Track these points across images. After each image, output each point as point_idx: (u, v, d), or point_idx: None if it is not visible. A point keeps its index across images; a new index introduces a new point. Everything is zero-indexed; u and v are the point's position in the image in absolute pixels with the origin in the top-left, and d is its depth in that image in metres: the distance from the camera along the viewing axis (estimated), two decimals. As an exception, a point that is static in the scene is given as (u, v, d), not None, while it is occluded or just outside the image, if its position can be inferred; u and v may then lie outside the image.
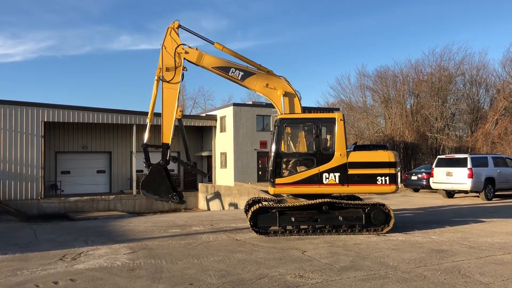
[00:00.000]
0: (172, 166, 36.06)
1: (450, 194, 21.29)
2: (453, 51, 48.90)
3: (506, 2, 73.27)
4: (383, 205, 10.58)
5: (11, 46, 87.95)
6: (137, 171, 31.22)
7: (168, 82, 11.55)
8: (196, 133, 37.11)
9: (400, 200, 19.94)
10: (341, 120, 10.69)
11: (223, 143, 33.47)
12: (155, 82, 11.70)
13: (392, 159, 10.65)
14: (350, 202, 10.65)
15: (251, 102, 37.68)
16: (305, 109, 33.14)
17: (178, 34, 11.70)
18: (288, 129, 11.09)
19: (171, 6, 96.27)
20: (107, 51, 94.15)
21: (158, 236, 11.19)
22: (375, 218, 10.51)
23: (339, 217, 10.44)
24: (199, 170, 11.97)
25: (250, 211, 10.63)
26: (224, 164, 33.43)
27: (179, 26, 11.78)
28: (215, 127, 34.55)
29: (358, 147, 11.19)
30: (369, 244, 9.33)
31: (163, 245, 9.69)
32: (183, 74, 11.76)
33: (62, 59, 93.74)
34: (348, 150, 10.74)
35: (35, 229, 13.35)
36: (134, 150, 30.68)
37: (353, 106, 45.28)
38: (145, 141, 12.17)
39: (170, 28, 11.70)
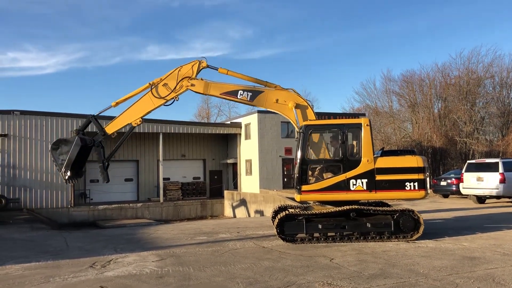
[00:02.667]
0: (199, 173, 36.37)
1: (481, 199, 20.74)
2: (482, 53, 47.84)
3: (536, 2, 71.35)
4: (412, 211, 10.39)
5: (44, 59, 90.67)
6: (164, 179, 31.59)
7: (154, 95, 11.63)
8: (222, 141, 37.34)
9: (429, 206, 19.54)
10: (367, 125, 10.58)
11: (248, 150, 33.55)
12: (148, 84, 11.74)
13: (421, 164, 10.47)
14: (378, 208, 10.50)
15: (275, 109, 37.56)
16: (330, 115, 32.72)
17: (200, 71, 11.72)
18: (314, 136, 11.04)
19: (198, 16, 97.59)
20: (135, 61, 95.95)
21: (185, 243, 11.27)
22: (404, 225, 10.32)
23: (367, 224, 10.30)
24: (104, 173, 11.66)
25: (276, 218, 10.60)
26: (249, 171, 33.47)
27: (207, 66, 11.82)
28: (240, 134, 34.68)
29: (385, 153, 11.05)
30: (398, 251, 9.17)
31: (190, 253, 9.75)
32: (173, 99, 11.79)
33: (92, 70, 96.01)
34: (375, 155, 10.61)
35: (65, 237, 13.65)
36: (161, 158, 31.06)
37: (379, 111, 44.76)
38: (95, 114, 12.12)
39: (197, 62, 11.76)
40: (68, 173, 11.42)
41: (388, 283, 6.69)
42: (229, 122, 38.16)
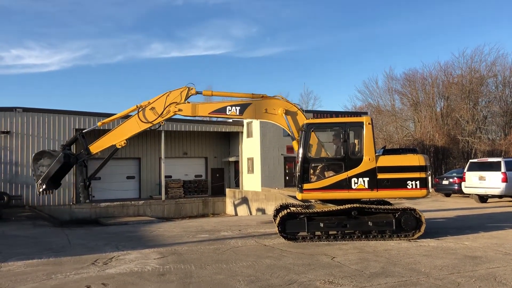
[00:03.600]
0: (201, 171, 36.41)
1: (483, 199, 20.71)
2: (485, 52, 47.54)
3: (540, 0, 71.09)
4: (414, 210, 10.39)
5: (47, 56, 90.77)
6: (166, 176, 31.60)
7: (140, 119, 11.62)
8: (223, 139, 37.33)
9: (431, 205, 19.53)
10: (369, 124, 10.57)
11: (250, 148, 33.54)
12: (135, 107, 11.72)
13: (423, 163, 10.46)
14: (380, 207, 10.50)
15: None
16: (332, 113, 32.71)
17: (188, 97, 11.67)
18: (315, 134, 11.03)
19: (201, 14, 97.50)
20: (139, 59, 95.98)
21: (187, 241, 11.28)
22: (406, 223, 10.33)
23: (369, 222, 10.31)
24: (85, 192, 11.66)
25: (278, 217, 10.60)
26: (251, 170, 33.48)
27: (196, 93, 11.76)
28: (242, 132, 34.66)
29: (387, 151, 11.04)
30: (400, 250, 9.16)
31: (192, 250, 9.77)
32: (159, 124, 11.81)
33: (96, 68, 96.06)
34: (377, 154, 10.61)
35: (67, 234, 13.69)
36: (163, 156, 31.07)
37: (381, 110, 44.67)
38: (83, 131, 12.12)
39: (186, 88, 11.69)
40: (44, 186, 11.40)
41: (390, 282, 6.69)
42: (231, 120, 38.15)
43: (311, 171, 10.71)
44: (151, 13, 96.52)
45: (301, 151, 10.62)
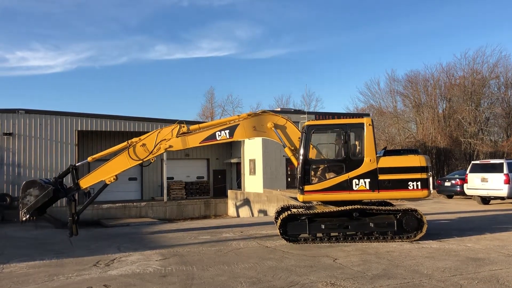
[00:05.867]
0: (203, 172, 36.41)
1: (485, 200, 20.65)
2: (487, 54, 47.41)
3: (542, 1, 70.92)
4: (415, 210, 10.37)
5: (52, 58, 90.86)
6: (167, 178, 31.62)
7: (130, 156, 11.69)
8: (225, 140, 37.37)
9: (433, 207, 19.49)
10: (370, 125, 10.56)
11: (252, 150, 33.53)
12: (126, 143, 11.79)
13: (424, 164, 10.45)
14: (381, 208, 10.49)
15: (279, 109, 37.51)
16: (334, 115, 32.68)
17: (180, 135, 11.68)
18: (316, 136, 11.02)
19: (206, 16, 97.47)
20: (143, 60, 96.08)
21: (189, 242, 11.29)
22: (408, 224, 10.31)
23: (370, 223, 10.29)
24: (73, 226, 11.61)
25: (279, 219, 10.60)
26: (253, 171, 33.47)
27: (187, 131, 11.80)
28: (244, 134, 34.70)
29: (388, 152, 11.03)
30: (402, 252, 9.15)
31: (194, 252, 9.77)
32: (149, 161, 11.88)
33: (100, 70, 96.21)
34: (377, 155, 10.60)
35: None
36: (164, 157, 31.08)
37: (383, 112, 44.62)
38: (76, 165, 12.25)
39: (177, 126, 11.73)
40: (27, 216, 11.43)
41: (392, 284, 6.68)
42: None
43: (312, 172, 10.71)
44: (156, 14, 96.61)
45: (302, 152, 10.62)
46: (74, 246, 11.47)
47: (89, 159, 12.38)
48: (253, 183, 33.25)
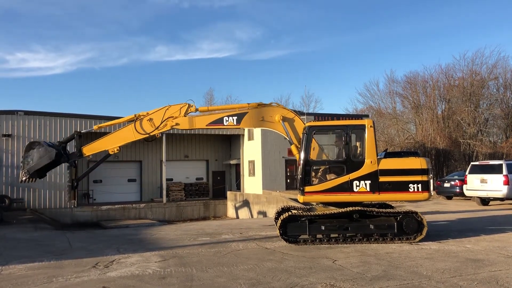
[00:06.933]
0: (202, 174, 36.39)
1: (484, 201, 20.66)
2: (486, 55, 47.54)
3: (541, 3, 71.03)
4: (416, 213, 10.37)
5: (52, 59, 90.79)
6: (167, 179, 31.60)
7: (136, 128, 11.68)
8: (225, 142, 37.33)
9: (433, 208, 19.49)
10: (371, 126, 10.56)
11: (251, 151, 33.53)
12: (133, 115, 11.81)
13: (424, 166, 10.45)
14: (381, 210, 10.47)
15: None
16: (333, 116, 32.68)
17: (187, 114, 11.69)
18: (317, 137, 11.02)
19: (207, 17, 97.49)
20: (143, 62, 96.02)
21: (188, 244, 11.27)
22: (408, 226, 10.31)
23: (370, 225, 10.29)
24: (72, 192, 12.01)
25: (279, 220, 10.58)
26: (252, 172, 33.46)
27: (196, 110, 11.77)
28: (243, 135, 34.66)
29: (388, 154, 11.03)
30: (402, 253, 9.14)
31: (193, 253, 9.75)
32: (154, 136, 11.89)
33: (100, 71, 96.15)
34: (378, 157, 10.59)
35: (69, 237, 13.67)
36: (164, 159, 31.08)
37: (383, 113, 44.64)
38: (81, 132, 12.39)
39: (186, 105, 11.68)
40: (27, 176, 11.51)
41: (391, 285, 6.67)
42: (232, 123, 38.13)
43: (313, 173, 10.70)
44: (157, 16, 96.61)
45: (302, 153, 10.61)
46: (73, 247, 11.45)
47: (95, 127, 12.43)
48: (252, 184, 33.24)
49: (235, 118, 11.56)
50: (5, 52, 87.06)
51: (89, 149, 11.93)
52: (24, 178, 11.54)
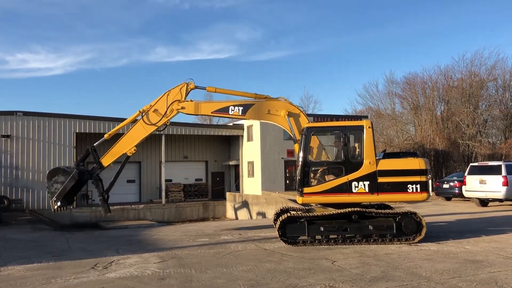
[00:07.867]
0: (201, 175, 36.41)
1: (483, 202, 20.67)
2: (485, 56, 47.71)
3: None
4: (415, 213, 10.37)
5: (52, 60, 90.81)
6: (166, 180, 31.59)
7: (145, 122, 11.72)
8: (224, 143, 37.34)
9: (432, 209, 19.49)
10: (369, 127, 10.56)
11: (250, 152, 33.52)
12: (138, 112, 11.81)
13: (423, 167, 10.45)
14: (380, 211, 10.47)
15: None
16: (332, 117, 32.68)
17: (188, 93, 11.73)
18: (315, 138, 11.03)
19: (207, 18, 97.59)
20: (143, 63, 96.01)
21: (187, 245, 11.26)
22: (407, 227, 10.31)
23: (369, 226, 10.29)
24: (105, 205, 12.15)
25: (278, 221, 10.58)
26: (251, 173, 33.45)
27: (195, 87, 11.82)
28: (242, 136, 34.65)
29: (387, 155, 11.03)
30: (401, 254, 9.14)
31: (192, 254, 9.75)
32: (165, 125, 11.87)
33: (100, 72, 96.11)
34: (377, 158, 10.60)
35: (67, 238, 13.67)
36: (163, 160, 31.07)
37: (382, 114, 44.66)
38: (94, 145, 12.28)
39: (184, 84, 11.73)
40: (58, 203, 11.52)
41: (390, 286, 6.67)
42: (231, 124, 38.15)
43: (312, 174, 10.69)
44: (157, 17, 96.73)
45: (301, 154, 10.61)
46: (72, 248, 11.43)
47: (106, 136, 12.41)
48: (251, 185, 33.23)
49: (241, 108, 11.59)
50: (5, 53, 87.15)
51: (107, 159, 11.98)
52: (56, 207, 11.54)
